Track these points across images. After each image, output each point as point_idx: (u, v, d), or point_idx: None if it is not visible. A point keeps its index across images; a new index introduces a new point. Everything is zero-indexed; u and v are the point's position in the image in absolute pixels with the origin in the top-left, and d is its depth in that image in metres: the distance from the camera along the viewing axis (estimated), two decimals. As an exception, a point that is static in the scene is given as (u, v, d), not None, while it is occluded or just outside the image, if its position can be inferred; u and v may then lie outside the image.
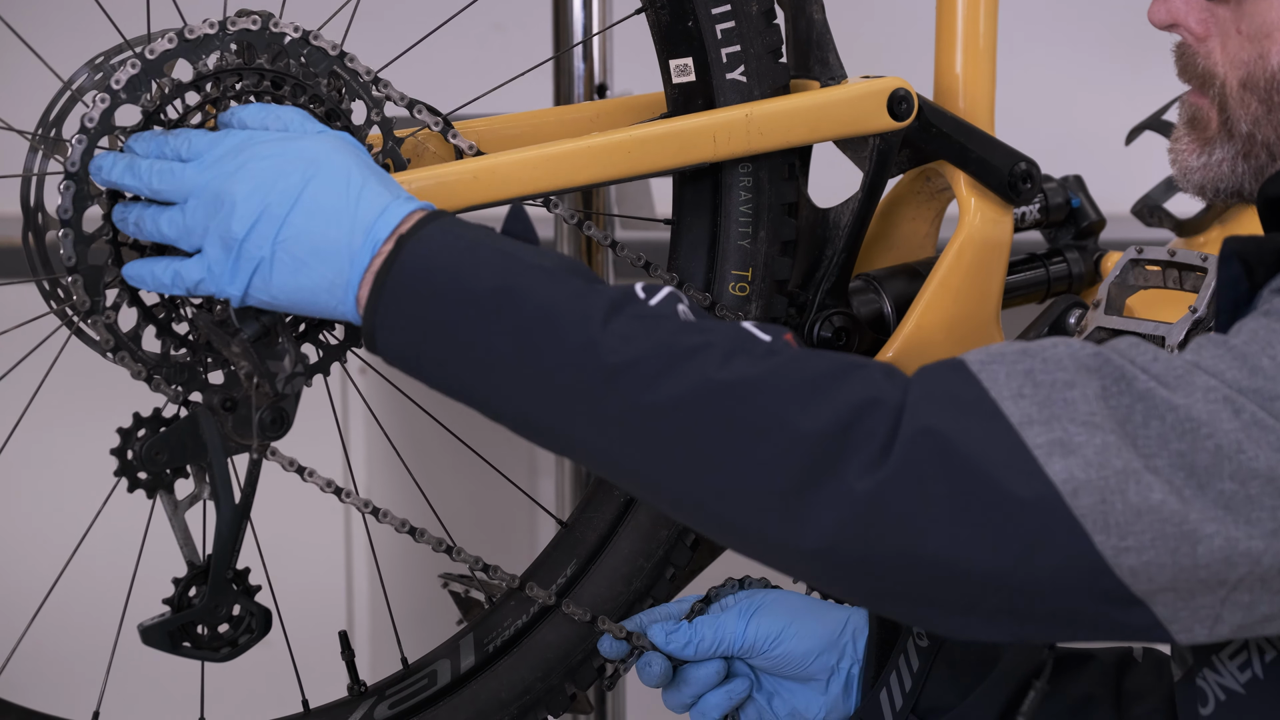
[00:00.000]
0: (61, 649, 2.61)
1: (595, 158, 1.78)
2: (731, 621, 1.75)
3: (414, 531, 1.75)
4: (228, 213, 1.52)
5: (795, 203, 1.88)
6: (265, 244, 1.51)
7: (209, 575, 1.68)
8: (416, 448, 2.13)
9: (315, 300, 1.52)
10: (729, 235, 1.87)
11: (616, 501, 1.88)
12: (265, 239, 1.51)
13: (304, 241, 1.50)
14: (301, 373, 1.61)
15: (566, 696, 1.85)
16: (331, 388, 1.83)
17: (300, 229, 1.50)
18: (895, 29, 2.58)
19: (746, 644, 1.74)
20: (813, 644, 1.74)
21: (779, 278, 1.88)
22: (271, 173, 1.52)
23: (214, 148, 1.56)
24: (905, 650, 1.73)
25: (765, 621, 1.74)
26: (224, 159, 1.54)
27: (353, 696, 1.82)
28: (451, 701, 1.82)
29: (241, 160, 1.53)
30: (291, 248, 1.51)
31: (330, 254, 1.50)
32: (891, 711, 1.73)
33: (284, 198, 1.51)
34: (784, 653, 1.74)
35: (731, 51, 1.83)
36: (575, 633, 1.83)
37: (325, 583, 3.08)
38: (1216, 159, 1.54)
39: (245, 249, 1.52)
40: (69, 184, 1.64)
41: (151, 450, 1.67)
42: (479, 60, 2.62)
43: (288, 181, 1.51)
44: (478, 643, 1.84)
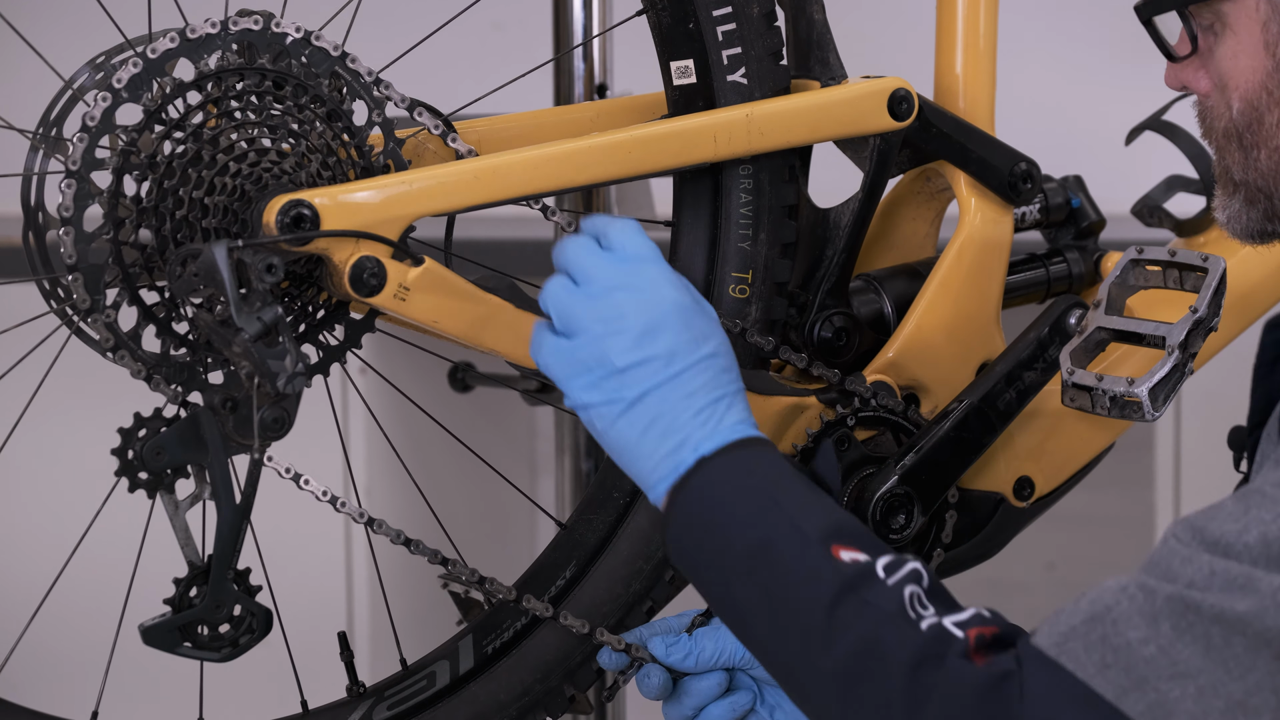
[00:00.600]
0: (61, 649, 2.61)
1: (595, 158, 1.78)
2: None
3: (409, 543, 1.75)
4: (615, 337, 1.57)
5: (796, 205, 1.88)
6: (631, 390, 1.56)
7: (210, 575, 1.68)
8: (417, 448, 2.13)
9: (632, 464, 1.58)
10: (729, 237, 1.87)
11: (616, 504, 1.88)
12: (635, 385, 1.56)
13: (661, 417, 1.57)
14: (303, 372, 1.61)
15: (565, 698, 1.85)
16: (332, 389, 1.83)
17: (663, 402, 1.57)
18: (895, 29, 2.58)
19: (749, 656, 1.74)
20: None
21: (779, 280, 1.88)
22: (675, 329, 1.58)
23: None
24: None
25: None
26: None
27: (352, 697, 1.82)
28: (450, 703, 1.82)
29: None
30: (647, 413, 1.56)
31: (665, 439, 1.57)
32: None
33: (673, 363, 1.57)
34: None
35: (732, 54, 1.83)
36: (575, 635, 1.83)
37: (325, 583, 3.08)
38: (1236, 210, 1.58)
39: (617, 381, 1.57)
40: (70, 182, 1.64)
41: (152, 450, 1.67)
42: (479, 60, 2.62)
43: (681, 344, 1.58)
44: (477, 644, 1.84)
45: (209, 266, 1.61)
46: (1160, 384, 1.77)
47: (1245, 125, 1.52)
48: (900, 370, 1.92)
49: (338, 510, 1.72)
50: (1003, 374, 1.89)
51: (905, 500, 1.86)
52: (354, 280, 1.70)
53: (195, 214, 1.69)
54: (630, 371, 1.57)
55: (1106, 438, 2.01)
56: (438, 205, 1.74)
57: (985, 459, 1.92)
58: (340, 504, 1.72)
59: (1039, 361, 1.90)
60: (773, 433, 1.87)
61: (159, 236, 1.68)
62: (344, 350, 1.77)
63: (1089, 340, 1.84)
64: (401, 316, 1.74)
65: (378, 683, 1.84)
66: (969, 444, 1.89)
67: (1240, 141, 1.53)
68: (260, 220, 1.68)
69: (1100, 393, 1.80)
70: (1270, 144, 1.52)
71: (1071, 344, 1.84)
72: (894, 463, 1.87)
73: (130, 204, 1.67)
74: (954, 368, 1.93)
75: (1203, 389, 2.37)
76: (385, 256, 1.71)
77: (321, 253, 1.70)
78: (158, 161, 1.67)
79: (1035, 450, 1.97)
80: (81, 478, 1.94)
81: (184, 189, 1.68)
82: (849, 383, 1.88)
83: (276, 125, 1.70)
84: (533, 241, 2.61)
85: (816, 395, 1.89)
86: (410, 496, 2.03)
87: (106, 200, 1.66)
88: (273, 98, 1.69)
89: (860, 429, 1.89)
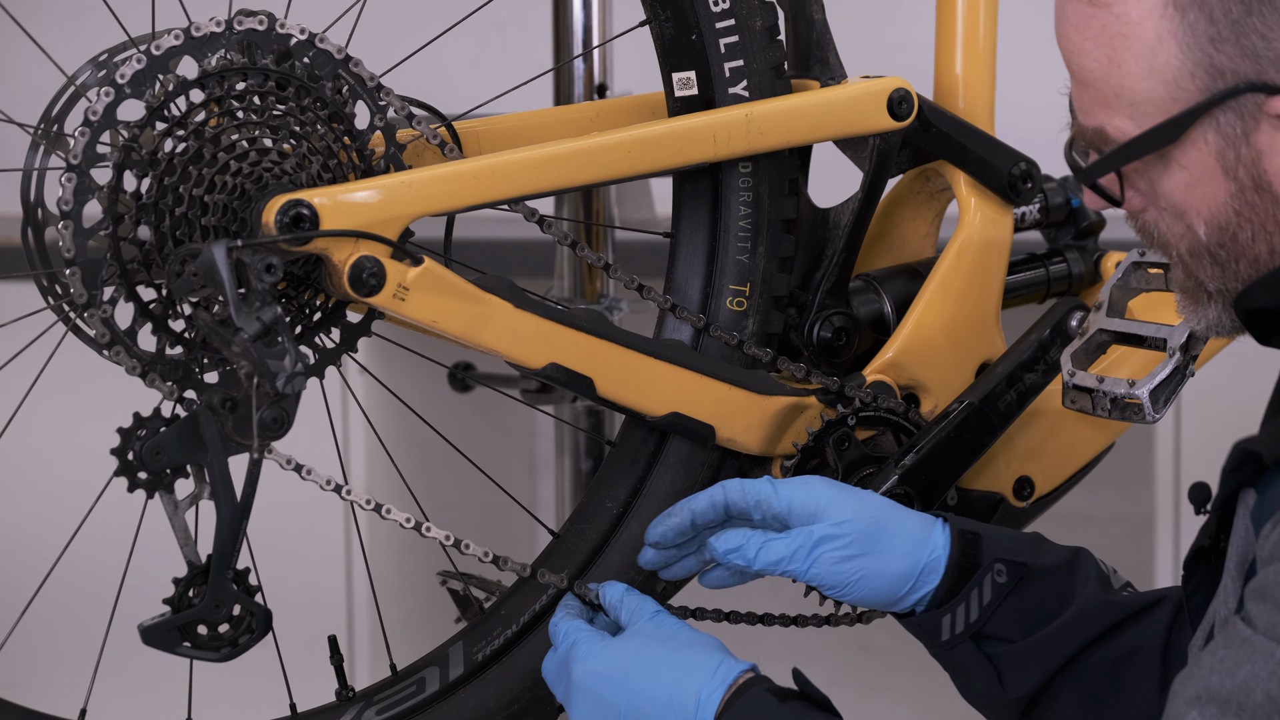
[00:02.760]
0: (55, 647, 2.61)
1: (595, 158, 1.78)
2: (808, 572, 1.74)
3: (419, 526, 1.75)
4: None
5: (795, 219, 1.88)
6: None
7: (209, 575, 1.68)
8: (417, 449, 2.13)
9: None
10: (727, 250, 1.87)
11: (609, 514, 1.87)
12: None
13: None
14: (302, 372, 1.61)
15: (555, 708, 1.84)
16: (332, 391, 1.83)
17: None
18: (895, 29, 2.58)
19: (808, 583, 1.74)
20: (884, 587, 1.73)
21: (776, 294, 1.88)
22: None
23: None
24: (980, 584, 1.73)
25: (843, 568, 1.73)
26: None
27: (340, 701, 1.81)
28: (439, 709, 1.82)
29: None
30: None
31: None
32: (951, 631, 1.73)
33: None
34: (860, 595, 1.73)
35: (734, 66, 1.83)
36: None
37: (325, 583, 3.09)
38: (1213, 317, 1.59)
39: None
40: (71, 176, 1.64)
41: (152, 450, 1.67)
42: (479, 59, 2.63)
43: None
44: (467, 651, 1.84)
45: (208, 266, 1.61)
46: (1161, 386, 1.77)
47: (1217, 243, 1.54)
48: (900, 370, 1.92)
49: (343, 498, 1.71)
50: (1004, 375, 1.89)
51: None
52: (353, 280, 1.70)
53: (195, 212, 1.69)
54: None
55: (1106, 438, 2.01)
56: (437, 205, 1.74)
57: (985, 459, 1.92)
58: (346, 491, 1.71)
59: (1040, 363, 1.90)
60: (773, 432, 1.87)
61: (158, 233, 1.68)
62: (340, 353, 1.77)
63: (1090, 342, 1.84)
64: (401, 316, 1.74)
65: (367, 687, 1.83)
66: (969, 445, 1.89)
67: (1214, 258, 1.55)
68: (260, 220, 1.68)
69: (1101, 394, 1.80)
70: (1249, 255, 1.54)
71: (1073, 346, 1.84)
72: (894, 463, 1.87)
73: (130, 200, 1.67)
74: (953, 368, 1.93)
75: (1203, 389, 2.36)
76: (384, 256, 1.71)
77: (321, 253, 1.69)
78: (159, 158, 1.67)
79: (1035, 450, 1.97)
80: (77, 475, 1.94)
81: (184, 186, 1.68)
82: (848, 388, 1.88)
83: (278, 126, 1.70)
84: (533, 241, 2.61)
85: (816, 395, 1.88)
86: (410, 498, 2.03)
87: (106, 196, 1.66)
88: (275, 98, 1.69)
89: (860, 428, 1.89)
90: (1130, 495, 3.16)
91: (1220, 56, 1.49)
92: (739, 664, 1.65)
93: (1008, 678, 1.73)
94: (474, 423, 3.14)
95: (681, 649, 1.67)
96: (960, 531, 1.73)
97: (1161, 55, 1.50)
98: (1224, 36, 1.48)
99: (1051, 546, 1.76)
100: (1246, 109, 1.49)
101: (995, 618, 1.73)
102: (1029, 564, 1.73)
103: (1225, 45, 1.48)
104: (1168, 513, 3.07)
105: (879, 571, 1.71)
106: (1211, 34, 1.49)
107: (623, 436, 1.90)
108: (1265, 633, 1.43)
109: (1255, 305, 1.54)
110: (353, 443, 2.97)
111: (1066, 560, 1.75)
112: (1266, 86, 1.48)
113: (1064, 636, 1.73)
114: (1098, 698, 1.74)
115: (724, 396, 1.84)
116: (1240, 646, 1.44)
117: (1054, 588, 1.74)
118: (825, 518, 1.71)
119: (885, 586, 1.72)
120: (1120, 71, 1.53)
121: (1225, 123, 1.50)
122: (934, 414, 1.92)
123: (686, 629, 1.69)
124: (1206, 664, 1.46)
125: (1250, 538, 1.53)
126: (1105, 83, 1.54)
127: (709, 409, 1.84)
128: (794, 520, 1.72)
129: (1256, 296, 1.54)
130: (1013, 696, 1.73)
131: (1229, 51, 1.49)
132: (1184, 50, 1.50)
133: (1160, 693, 1.72)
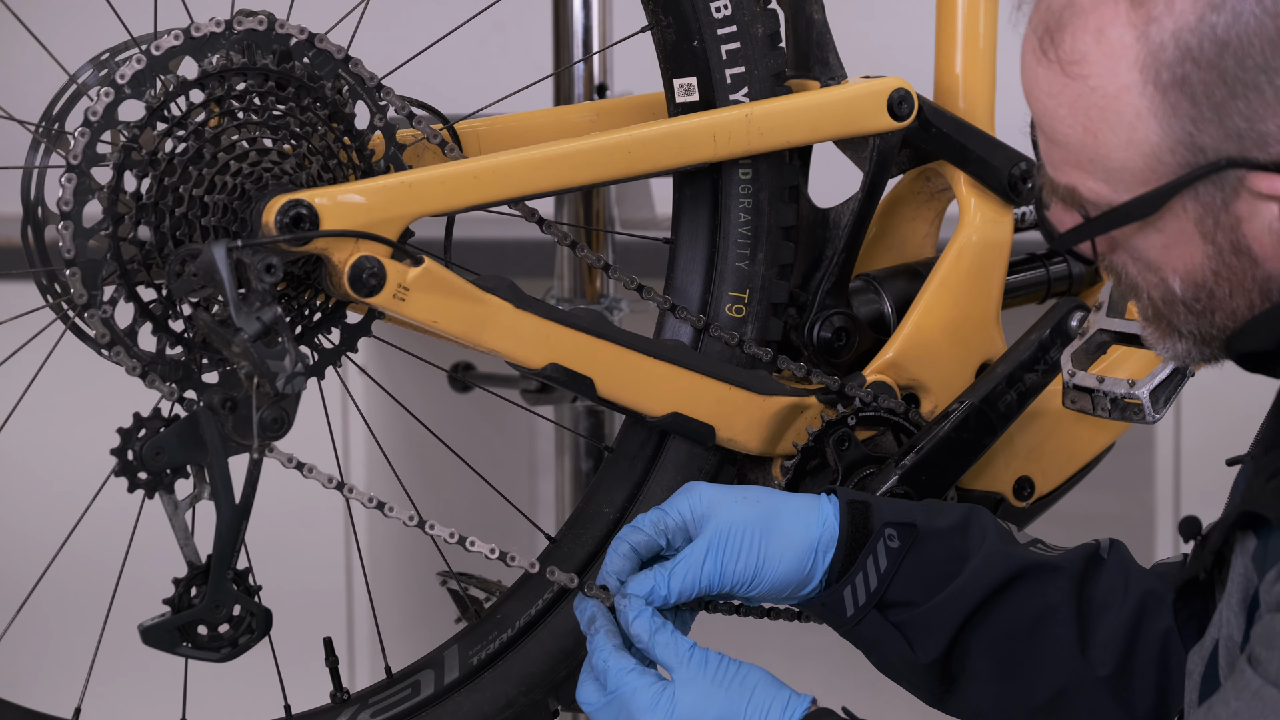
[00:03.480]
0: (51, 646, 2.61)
1: (595, 158, 1.78)
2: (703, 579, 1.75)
3: (424, 524, 1.74)
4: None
5: (794, 226, 1.88)
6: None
7: (209, 575, 1.68)
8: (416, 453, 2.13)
9: None
10: (727, 257, 1.87)
11: (606, 519, 1.87)
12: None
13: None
14: (302, 372, 1.61)
15: (550, 712, 1.84)
16: (331, 393, 1.83)
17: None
18: (895, 29, 2.58)
19: (725, 589, 1.75)
20: (788, 568, 1.74)
21: (775, 300, 1.88)
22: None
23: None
24: (874, 551, 1.74)
25: (747, 560, 1.73)
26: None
27: (335, 703, 1.81)
28: (434, 712, 1.82)
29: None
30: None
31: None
32: (854, 604, 1.74)
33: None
34: (761, 592, 1.74)
35: (736, 73, 1.83)
36: (559, 648, 1.83)
37: (325, 584, 3.08)
38: (1184, 349, 1.58)
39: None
40: (71, 176, 1.64)
41: (152, 450, 1.67)
42: (480, 60, 2.63)
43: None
44: (463, 655, 1.84)
45: (208, 266, 1.60)
46: (1161, 386, 1.77)
47: (1193, 297, 1.53)
48: (900, 370, 1.92)
49: (345, 495, 1.71)
50: (1004, 375, 1.89)
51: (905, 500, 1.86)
52: (353, 280, 1.70)
53: (195, 212, 1.69)
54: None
55: (1106, 438, 2.01)
56: (437, 205, 1.74)
57: (985, 459, 1.92)
58: (348, 489, 1.71)
59: (1040, 363, 1.90)
60: (773, 432, 1.87)
61: (158, 233, 1.68)
62: (340, 353, 1.77)
63: (1090, 342, 1.84)
64: (401, 316, 1.73)
65: (362, 690, 1.83)
66: (970, 445, 1.89)
67: (1189, 309, 1.54)
68: (260, 220, 1.68)
69: (1101, 395, 1.80)
70: (1226, 309, 1.52)
71: (1073, 346, 1.84)
72: (894, 462, 1.87)
73: (130, 200, 1.67)
74: (954, 368, 1.93)
75: (1203, 389, 2.37)
76: (384, 256, 1.71)
77: (321, 253, 1.69)
78: (159, 158, 1.67)
79: (1035, 450, 1.97)
80: (75, 474, 1.94)
81: (184, 186, 1.68)
82: (849, 388, 1.88)
83: (278, 126, 1.70)
84: (533, 241, 2.61)
85: (816, 395, 1.88)
86: (412, 496, 2.03)
87: (106, 196, 1.65)
88: (275, 98, 1.69)
89: (860, 428, 1.89)
90: (1130, 495, 3.16)
91: (1202, 136, 1.45)
92: (804, 698, 1.66)
93: (917, 642, 1.75)
94: (474, 423, 3.14)
95: (745, 691, 1.67)
96: (849, 502, 1.74)
97: (1141, 130, 1.47)
98: (1206, 118, 1.45)
99: (947, 509, 1.77)
100: (1227, 181, 1.46)
101: (895, 584, 1.74)
102: (919, 525, 1.74)
103: (1207, 126, 1.45)
104: (1168, 513, 3.08)
105: (779, 553, 1.72)
106: (1193, 114, 1.45)
107: (621, 440, 1.90)
108: (1276, 682, 1.44)
109: (1248, 349, 1.53)
110: (353, 445, 2.97)
111: (960, 520, 1.76)
112: (1248, 162, 1.45)
113: (965, 592, 1.74)
114: (1015, 659, 1.75)
115: (724, 397, 1.84)
116: (1251, 700, 1.45)
117: (950, 548, 1.75)
118: (719, 510, 1.72)
119: (789, 568, 1.72)
120: (1096, 141, 1.49)
121: (1205, 192, 1.47)
122: (934, 414, 1.92)
123: (730, 663, 1.69)
124: (1221, 715, 1.47)
125: (1251, 575, 1.53)
126: (1080, 149, 1.50)
127: (709, 409, 1.84)
128: (694, 527, 1.73)
129: (1248, 341, 1.52)
130: (925, 661, 1.74)
131: (1211, 132, 1.45)
132: (1164, 128, 1.46)
133: (1079, 650, 1.73)
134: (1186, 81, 1.44)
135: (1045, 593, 1.75)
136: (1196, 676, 1.59)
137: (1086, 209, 1.53)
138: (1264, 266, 1.49)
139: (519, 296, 1.78)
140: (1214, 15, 1.43)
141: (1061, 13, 1.48)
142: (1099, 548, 1.78)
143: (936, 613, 1.74)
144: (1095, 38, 1.47)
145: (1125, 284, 1.58)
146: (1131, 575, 1.75)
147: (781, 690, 1.67)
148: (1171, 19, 1.44)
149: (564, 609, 1.84)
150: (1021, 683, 1.75)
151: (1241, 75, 1.43)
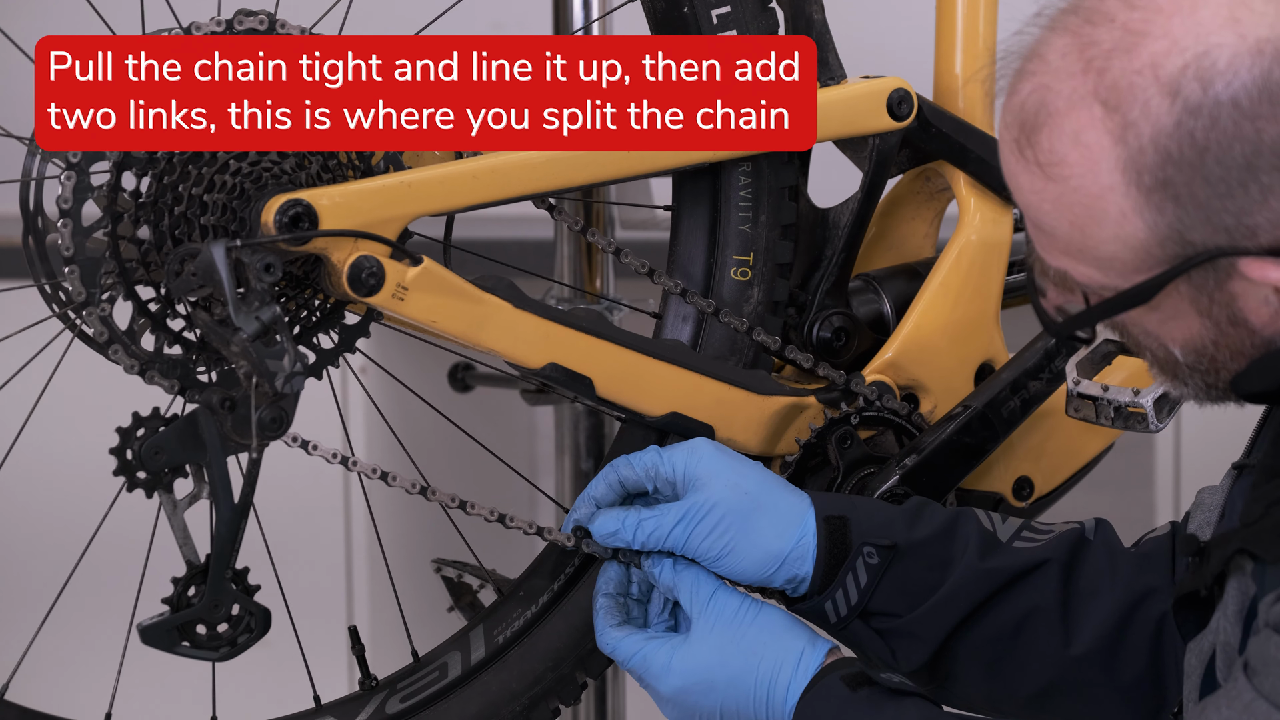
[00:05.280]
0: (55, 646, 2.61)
1: (594, 158, 1.78)
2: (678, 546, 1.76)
3: (425, 490, 1.75)
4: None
5: (795, 185, 1.88)
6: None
7: (208, 574, 1.68)
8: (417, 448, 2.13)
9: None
10: (729, 220, 1.87)
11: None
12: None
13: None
14: (301, 372, 1.61)
15: (578, 685, 1.85)
16: (334, 384, 1.83)
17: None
18: (895, 29, 2.58)
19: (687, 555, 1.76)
20: (749, 567, 1.75)
21: (780, 261, 1.88)
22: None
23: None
24: (854, 569, 1.74)
25: (714, 540, 1.74)
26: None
27: (364, 691, 1.82)
28: (463, 693, 1.82)
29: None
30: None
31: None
32: (836, 614, 1.75)
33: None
34: (721, 571, 1.75)
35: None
36: (584, 622, 1.83)
37: (325, 583, 3.08)
38: (1191, 391, 1.58)
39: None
40: (70, 175, 1.64)
41: (151, 450, 1.67)
42: (479, 60, 2.61)
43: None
44: (488, 634, 1.84)
45: (207, 266, 1.61)
46: (1165, 395, 1.76)
47: (1194, 360, 1.53)
48: (899, 370, 1.92)
49: (349, 469, 1.72)
50: (1009, 381, 1.90)
51: (905, 500, 1.86)
52: (352, 280, 1.70)
53: (194, 211, 1.69)
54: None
55: (1105, 439, 2.01)
56: (436, 205, 1.74)
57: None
58: (352, 463, 1.72)
59: (1045, 371, 1.90)
60: (772, 432, 1.87)
61: (157, 232, 1.68)
62: (339, 354, 1.77)
63: (1096, 352, 1.83)
64: (400, 316, 1.74)
65: (390, 675, 1.84)
66: (972, 449, 1.89)
67: (1191, 369, 1.54)
68: (259, 219, 1.68)
69: (1105, 403, 1.80)
70: (1228, 369, 1.53)
71: (1078, 355, 1.84)
72: (896, 463, 1.87)
73: (129, 199, 1.67)
74: (953, 368, 1.93)
75: (1203, 390, 2.37)
76: (383, 256, 1.71)
77: (320, 252, 1.69)
78: (158, 157, 1.67)
79: (1034, 451, 1.97)
80: (76, 475, 1.94)
81: (183, 185, 1.68)
82: (853, 384, 1.88)
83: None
84: (533, 241, 2.61)
85: (816, 395, 1.88)
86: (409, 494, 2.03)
87: (105, 195, 1.65)
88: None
89: (860, 428, 1.89)
90: (1130, 495, 3.16)
91: (1190, 233, 1.44)
92: (819, 649, 1.68)
93: (899, 652, 1.76)
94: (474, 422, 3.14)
95: (760, 645, 1.69)
96: (826, 518, 1.74)
97: (1128, 228, 1.46)
98: (1192, 215, 1.44)
99: (929, 514, 1.77)
100: (1219, 266, 1.46)
101: (877, 596, 1.75)
102: (899, 544, 1.75)
103: (1194, 223, 1.44)
104: (1168, 513, 3.08)
105: (749, 547, 1.73)
106: (1179, 213, 1.44)
107: (619, 441, 1.90)
108: (1268, 697, 1.45)
109: (1252, 389, 1.53)
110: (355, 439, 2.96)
111: (944, 528, 1.76)
112: (1238, 250, 1.44)
113: (946, 607, 1.75)
114: (1003, 659, 1.76)
115: (723, 397, 1.84)
116: (1242, 711, 1.46)
117: (932, 558, 1.76)
118: (709, 483, 1.74)
119: (754, 563, 1.73)
120: (1084, 235, 1.48)
121: (1198, 276, 1.47)
122: (933, 414, 1.92)
123: (749, 610, 1.71)
124: (1212, 719, 1.48)
125: (1248, 587, 1.54)
126: (1068, 240, 1.50)
127: (708, 409, 1.84)
128: (683, 486, 1.75)
129: (1252, 381, 1.52)
130: (906, 670, 1.75)
131: (1199, 230, 1.44)
132: (1151, 227, 1.45)
133: (1064, 646, 1.75)
134: (1170, 184, 1.43)
135: (1030, 596, 1.76)
136: (1196, 677, 1.59)
137: (1086, 296, 1.53)
138: (1262, 334, 1.49)
139: (518, 296, 1.78)
140: (1191, 120, 1.41)
141: (1036, 113, 1.47)
142: (1084, 530, 1.79)
143: (919, 624, 1.75)
144: (1072, 140, 1.46)
145: (1129, 344, 1.58)
146: (1118, 556, 1.77)
147: (797, 641, 1.69)
148: (1149, 124, 1.42)
149: (587, 582, 1.85)
150: (1010, 679, 1.77)
151: (1224, 176, 1.42)
